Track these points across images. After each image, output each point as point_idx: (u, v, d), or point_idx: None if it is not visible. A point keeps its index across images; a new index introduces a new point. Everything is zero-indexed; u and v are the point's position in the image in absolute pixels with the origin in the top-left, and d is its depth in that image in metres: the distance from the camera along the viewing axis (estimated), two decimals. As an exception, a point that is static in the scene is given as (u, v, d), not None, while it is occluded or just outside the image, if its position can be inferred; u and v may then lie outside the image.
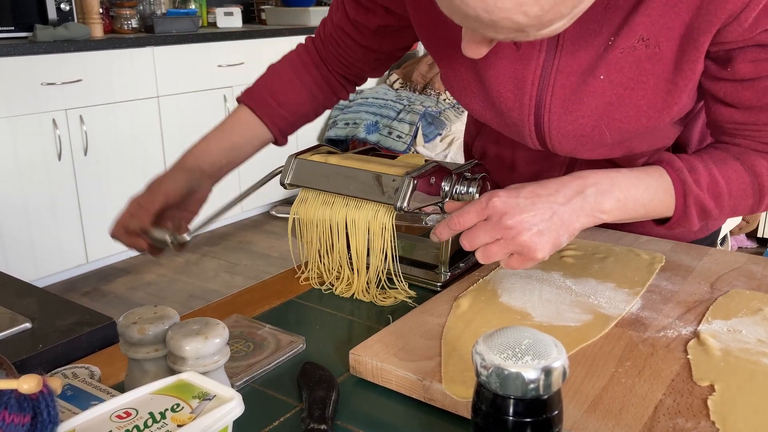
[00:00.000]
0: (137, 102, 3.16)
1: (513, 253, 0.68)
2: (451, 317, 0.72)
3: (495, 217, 0.67)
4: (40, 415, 0.40)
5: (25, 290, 0.84)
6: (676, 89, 0.76)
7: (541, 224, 0.67)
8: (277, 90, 0.99)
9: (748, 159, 0.77)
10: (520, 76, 0.80)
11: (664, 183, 0.74)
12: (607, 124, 0.80)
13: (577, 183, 0.70)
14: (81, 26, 2.97)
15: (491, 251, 0.68)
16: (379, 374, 0.64)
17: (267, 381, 0.66)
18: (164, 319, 0.57)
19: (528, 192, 0.69)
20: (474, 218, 0.69)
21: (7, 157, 2.75)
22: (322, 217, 0.85)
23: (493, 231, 0.67)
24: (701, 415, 0.55)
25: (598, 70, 0.76)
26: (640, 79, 0.76)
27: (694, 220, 0.76)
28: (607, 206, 0.71)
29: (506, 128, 0.88)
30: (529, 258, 0.68)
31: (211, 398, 0.46)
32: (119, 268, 3.23)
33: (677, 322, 0.71)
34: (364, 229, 0.82)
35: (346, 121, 3.99)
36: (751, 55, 0.72)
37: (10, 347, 0.70)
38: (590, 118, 0.80)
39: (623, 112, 0.78)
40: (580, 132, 0.81)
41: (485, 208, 0.68)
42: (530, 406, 0.42)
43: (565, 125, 0.81)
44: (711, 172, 0.75)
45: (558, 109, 0.80)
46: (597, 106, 0.78)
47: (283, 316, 0.80)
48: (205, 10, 3.95)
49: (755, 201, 0.78)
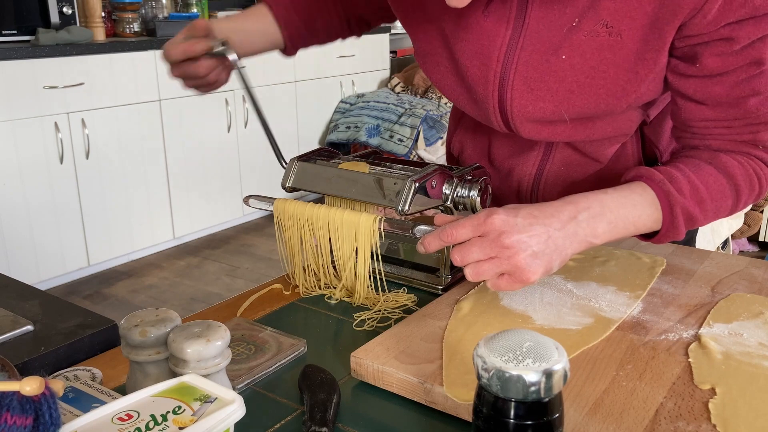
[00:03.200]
0: (139, 105, 3.17)
1: (503, 274, 0.66)
2: (452, 320, 0.72)
3: (492, 235, 0.66)
4: (42, 417, 0.40)
5: (27, 293, 0.84)
6: (636, 78, 0.78)
7: (536, 246, 0.66)
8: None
9: (720, 162, 0.78)
10: (486, 52, 0.83)
11: (649, 197, 0.74)
12: (567, 109, 0.82)
13: (570, 208, 0.70)
14: (83, 30, 2.97)
15: (482, 269, 0.66)
16: (381, 377, 0.64)
17: (268, 384, 0.66)
18: (166, 321, 0.57)
19: (526, 213, 0.68)
20: (469, 233, 0.67)
21: (10, 160, 2.75)
22: (301, 213, 0.83)
23: (488, 248, 0.66)
24: (702, 419, 0.55)
25: (561, 50, 0.79)
26: (600, 67, 0.78)
27: (681, 230, 0.76)
28: (599, 230, 0.71)
29: (475, 108, 0.90)
30: (519, 280, 0.66)
31: (213, 401, 0.46)
32: (121, 271, 3.23)
33: (678, 326, 0.71)
34: (348, 232, 0.81)
35: (347, 125, 4.00)
36: (717, 49, 0.74)
37: (12, 350, 0.70)
38: (550, 102, 0.82)
39: (583, 99, 0.81)
40: (540, 114, 0.83)
41: (482, 224, 0.66)
42: (531, 409, 0.42)
43: (526, 105, 0.83)
44: (690, 179, 0.76)
45: (520, 87, 0.82)
46: (558, 90, 0.81)
47: (285, 319, 0.80)
48: (207, 13, 3.96)
49: (734, 201, 0.79)
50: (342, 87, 4.24)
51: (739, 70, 0.75)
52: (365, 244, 0.80)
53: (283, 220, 0.85)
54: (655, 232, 0.77)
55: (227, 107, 3.54)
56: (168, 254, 3.44)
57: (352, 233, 0.80)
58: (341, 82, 4.23)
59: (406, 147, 3.74)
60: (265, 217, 3.93)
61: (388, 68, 4.56)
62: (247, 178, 3.71)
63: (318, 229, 0.83)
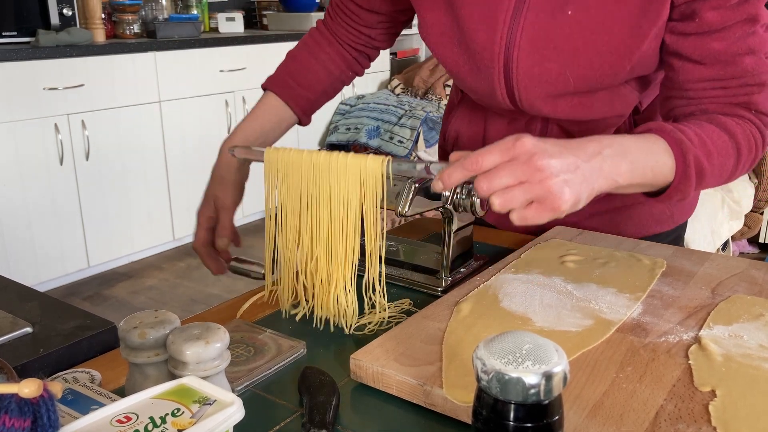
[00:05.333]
0: (139, 107, 3.17)
1: (532, 202, 0.62)
2: (451, 322, 0.72)
3: (523, 158, 0.61)
4: (41, 419, 0.40)
5: (27, 294, 0.84)
6: (639, 34, 0.80)
7: (567, 174, 0.63)
8: (295, 72, 1.05)
9: (720, 121, 0.79)
10: (493, 15, 0.85)
11: (662, 145, 0.74)
12: (572, 70, 0.84)
13: (594, 144, 0.68)
14: (83, 31, 2.98)
15: (512, 195, 0.61)
16: (380, 379, 0.63)
17: (267, 386, 0.66)
18: (165, 323, 0.57)
19: (553, 142, 0.65)
20: (497, 158, 0.62)
21: (9, 162, 2.75)
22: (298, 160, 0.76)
23: (519, 171, 0.61)
24: (702, 421, 0.55)
25: (567, 5, 0.81)
26: (605, 23, 0.80)
27: (692, 181, 0.75)
28: (622, 169, 0.69)
29: (477, 79, 0.91)
30: (550, 208, 0.62)
31: (212, 403, 0.46)
32: (120, 272, 3.23)
33: (678, 328, 0.71)
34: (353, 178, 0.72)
35: (347, 126, 4.00)
36: (715, 2, 0.76)
37: (11, 351, 0.70)
38: (556, 62, 0.84)
39: (587, 58, 0.83)
40: (546, 77, 0.84)
41: (512, 147, 0.62)
42: (531, 411, 0.42)
43: (532, 67, 0.85)
44: (697, 133, 0.76)
45: (527, 47, 0.84)
46: (564, 49, 0.83)
47: (284, 320, 0.79)
48: (207, 15, 3.96)
49: (735, 161, 0.79)
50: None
51: (736, 27, 0.77)
52: (373, 192, 0.73)
53: (277, 171, 0.78)
54: (661, 190, 0.76)
55: (227, 108, 3.55)
56: (168, 255, 3.44)
57: (357, 179, 0.73)
58: (341, 84, 4.23)
59: (406, 148, 3.74)
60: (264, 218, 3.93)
61: (388, 70, 4.56)
62: (247, 179, 3.71)
63: (318, 179, 0.75)
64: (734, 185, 2.89)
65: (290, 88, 1.04)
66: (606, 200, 1.03)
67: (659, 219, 1.06)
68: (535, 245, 0.93)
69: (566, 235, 0.98)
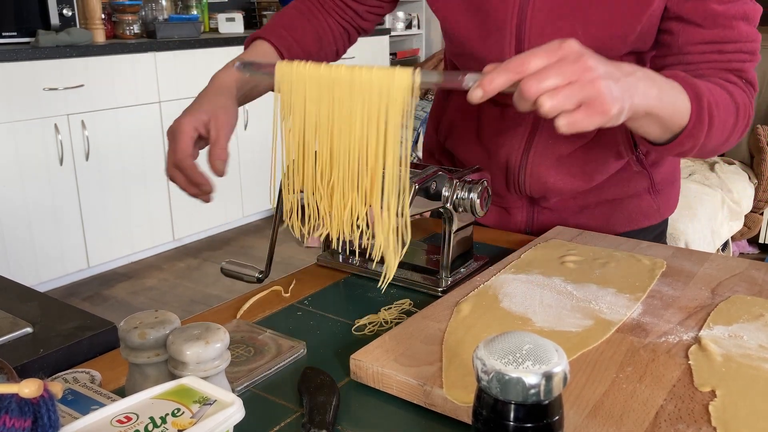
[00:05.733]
0: (139, 107, 3.17)
1: (581, 105, 0.61)
2: (452, 322, 0.72)
3: (571, 57, 0.60)
4: (41, 419, 0.40)
5: (27, 295, 0.84)
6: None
7: (613, 78, 0.63)
8: (289, 26, 1.03)
9: (719, 82, 0.82)
10: None
11: (679, 87, 0.75)
12: (583, 27, 0.86)
13: (627, 66, 0.68)
14: (83, 31, 2.98)
15: (563, 95, 0.60)
16: (380, 379, 0.63)
17: (267, 386, 0.66)
18: (165, 323, 0.57)
19: (593, 53, 0.64)
20: (543, 60, 0.61)
21: (9, 162, 2.75)
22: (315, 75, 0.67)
23: (568, 71, 0.60)
24: (702, 421, 0.55)
25: None
26: None
27: (705, 127, 0.76)
28: (652, 93, 0.69)
29: (486, 44, 0.92)
30: (599, 111, 0.61)
31: (212, 403, 0.46)
32: (120, 273, 3.23)
33: (678, 328, 0.71)
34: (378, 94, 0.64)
35: (347, 127, 4.00)
36: None
37: (11, 352, 0.70)
38: (569, 19, 0.86)
39: (599, 15, 0.85)
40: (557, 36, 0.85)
41: (558, 48, 0.61)
42: (531, 411, 0.42)
43: (545, 26, 0.87)
44: (704, 84, 0.78)
45: (541, 6, 0.86)
46: (576, 5, 0.85)
47: (284, 321, 0.80)
48: (207, 15, 3.96)
49: (735, 119, 0.81)
50: (342, 89, 4.24)
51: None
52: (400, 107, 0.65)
53: (290, 87, 0.69)
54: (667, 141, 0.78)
55: (227, 109, 3.54)
56: (168, 256, 3.44)
57: (384, 94, 0.65)
58: (341, 84, 4.23)
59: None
60: (264, 218, 3.93)
61: (388, 70, 4.56)
62: (247, 179, 3.71)
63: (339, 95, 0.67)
64: (734, 186, 2.89)
65: (285, 38, 1.00)
66: (596, 193, 1.04)
67: (647, 213, 1.08)
68: (535, 245, 0.93)
69: (566, 236, 0.98)
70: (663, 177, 1.08)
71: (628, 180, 1.05)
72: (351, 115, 0.66)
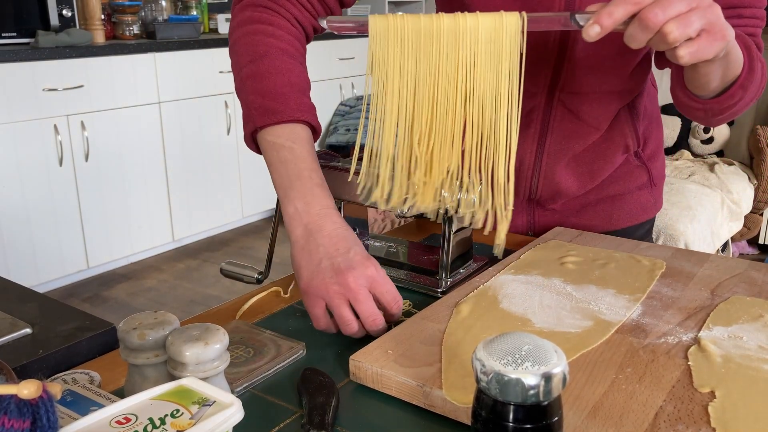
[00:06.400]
0: (138, 108, 3.17)
1: (702, 31, 0.63)
2: (451, 323, 0.72)
3: None
4: (40, 420, 0.40)
5: (26, 295, 0.84)
6: None
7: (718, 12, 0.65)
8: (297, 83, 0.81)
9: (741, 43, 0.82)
10: None
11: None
12: None
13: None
14: (83, 32, 2.98)
15: (689, 20, 0.62)
16: (379, 380, 0.63)
17: (267, 387, 0.66)
18: (164, 324, 0.57)
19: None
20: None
21: (9, 163, 2.75)
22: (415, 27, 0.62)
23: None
24: (702, 422, 0.55)
25: None
26: None
27: (756, 76, 0.79)
28: (731, 34, 0.69)
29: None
30: (720, 36, 0.64)
31: (211, 404, 0.46)
32: (120, 273, 3.23)
33: (678, 329, 0.71)
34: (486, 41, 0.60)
35: (347, 128, 4.00)
36: None
37: (10, 352, 0.70)
38: None
39: None
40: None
41: None
42: (530, 412, 0.42)
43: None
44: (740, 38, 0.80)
45: None
46: None
47: (283, 321, 0.80)
48: (207, 16, 3.97)
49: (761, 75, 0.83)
50: (341, 89, 4.25)
51: None
52: (508, 55, 0.61)
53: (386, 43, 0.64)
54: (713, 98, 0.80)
55: (227, 110, 3.55)
56: (167, 257, 3.44)
57: (495, 40, 0.62)
58: (341, 85, 4.23)
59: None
60: (264, 219, 3.93)
61: (388, 71, 4.56)
62: (247, 180, 3.71)
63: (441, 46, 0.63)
64: (734, 186, 2.90)
65: (311, 108, 0.81)
66: (597, 191, 1.05)
67: (645, 206, 1.09)
68: (534, 246, 0.93)
69: (565, 236, 0.98)
70: (658, 171, 1.11)
71: (628, 175, 1.07)
72: (457, 67, 0.63)
